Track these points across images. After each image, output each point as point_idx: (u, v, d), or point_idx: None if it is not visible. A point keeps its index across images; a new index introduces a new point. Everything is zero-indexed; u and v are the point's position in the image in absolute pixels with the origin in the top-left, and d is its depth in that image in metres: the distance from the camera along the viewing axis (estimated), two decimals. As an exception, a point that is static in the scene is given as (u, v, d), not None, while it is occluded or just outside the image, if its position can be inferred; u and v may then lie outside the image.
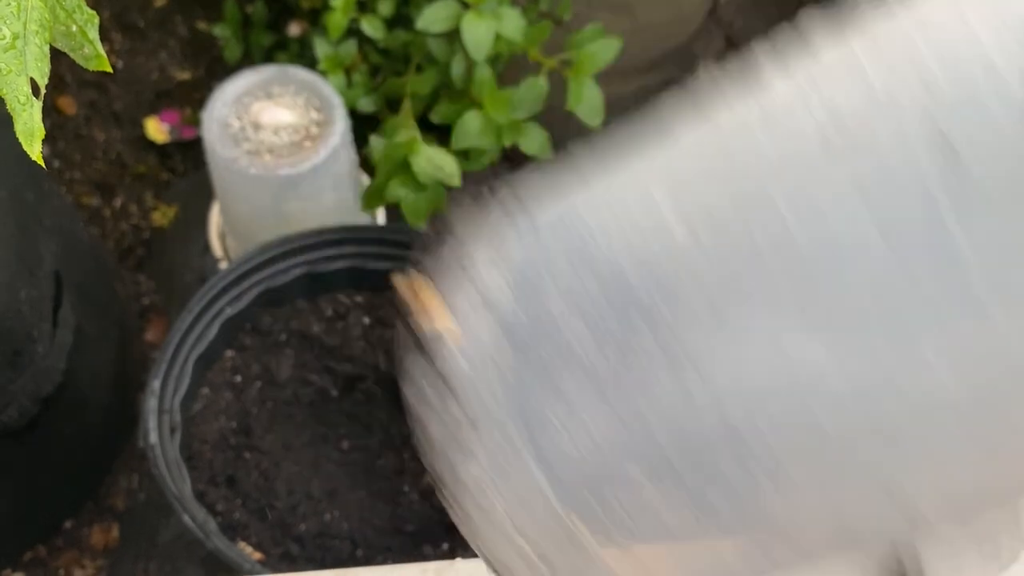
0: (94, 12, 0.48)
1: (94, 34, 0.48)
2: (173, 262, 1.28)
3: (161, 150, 1.33)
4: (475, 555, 0.22)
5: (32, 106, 0.44)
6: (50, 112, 1.33)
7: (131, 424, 1.16)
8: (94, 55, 0.48)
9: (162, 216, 1.30)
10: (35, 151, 0.44)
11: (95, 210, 1.30)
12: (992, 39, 0.17)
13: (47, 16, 0.45)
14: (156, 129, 1.32)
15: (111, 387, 1.11)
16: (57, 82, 1.34)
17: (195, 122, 1.31)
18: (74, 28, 0.48)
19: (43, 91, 0.45)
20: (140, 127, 1.33)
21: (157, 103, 1.35)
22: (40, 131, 0.45)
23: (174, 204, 1.31)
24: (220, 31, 1.24)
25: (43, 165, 0.41)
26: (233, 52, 1.24)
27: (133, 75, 1.37)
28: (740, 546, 0.21)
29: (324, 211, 1.08)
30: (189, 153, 1.33)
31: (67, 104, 1.33)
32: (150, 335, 1.24)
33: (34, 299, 0.94)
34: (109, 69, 0.47)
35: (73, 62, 1.46)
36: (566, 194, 0.24)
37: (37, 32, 0.45)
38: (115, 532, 1.14)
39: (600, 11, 1.15)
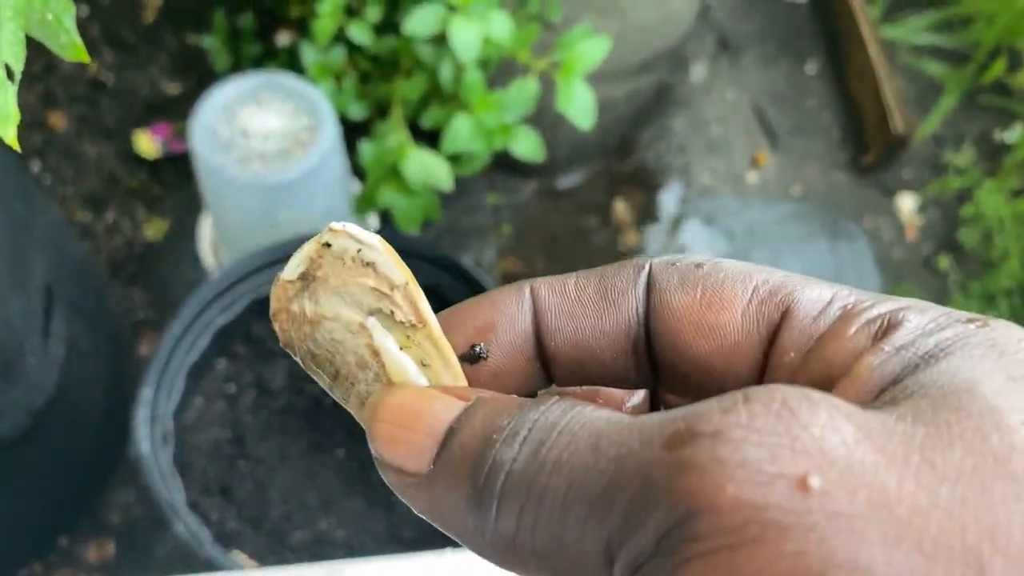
0: (70, 1, 0.48)
1: (70, 23, 0.47)
2: (166, 276, 1.27)
3: (153, 164, 1.33)
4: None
5: (6, 90, 0.43)
6: (41, 128, 1.33)
7: (125, 438, 1.15)
8: (71, 44, 0.47)
9: (154, 230, 1.30)
10: (9, 135, 0.43)
11: (87, 225, 1.29)
12: None
13: (22, 2, 0.44)
14: (147, 143, 1.32)
15: (105, 401, 1.10)
16: (47, 98, 1.34)
17: (186, 135, 1.31)
18: (50, 16, 0.47)
19: (18, 76, 0.44)
20: (131, 142, 1.33)
21: (148, 117, 1.35)
22: (15, 115, 0.44)
23: (166, 218, 1.31)
24: (209, 42, 1.24)
25: (17, 148, 0.40)
26: (222, 63, 1.24)
27: (124, 90, 1.37)
28: None
29: (315, 219, 1.08)
30: (181, 167, 1.32)
31: (58, 120, 1.33)
32: (144, 349, 1.23)
33: (25, 312, 0.93)
34: (87, 59, 0.47)
35: (65, 78, 1.46)
36: None
37: (12, 18, 0.45)
38: (111, 547, 1.13)
39: (589, 13, 1.15)
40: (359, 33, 1.08)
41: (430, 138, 1.13)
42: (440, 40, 1.06)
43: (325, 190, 1.07)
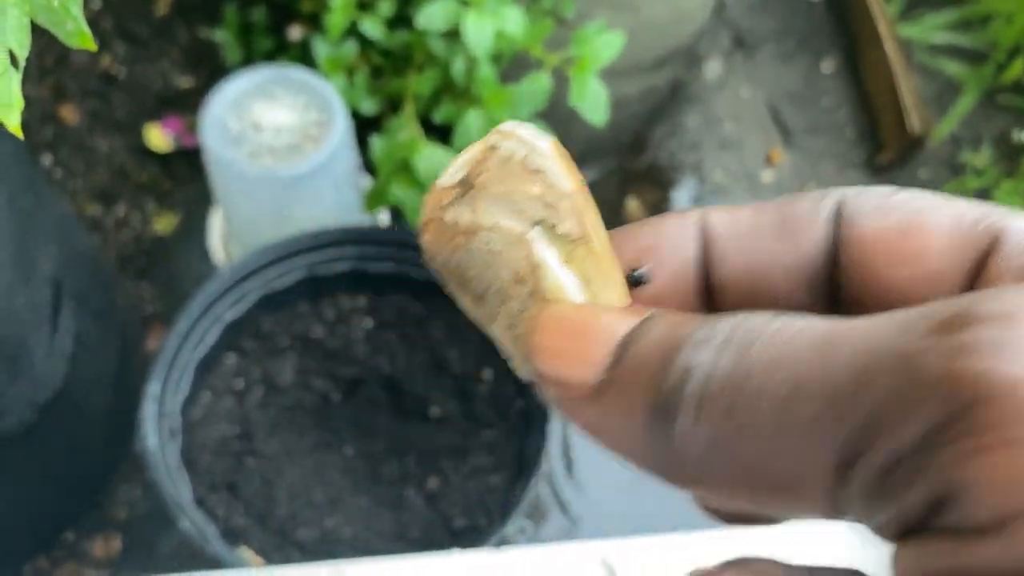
0: (77, -12, 0.47)
1: (77, 10, 0.46)
2: (175, 270, 1.27)
3: (163, 158, 1.32)
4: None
5: (10, 77, 0.43)
6: (52, 121, 1.32)
7: (132, 433, 1.14)
8: (77, 31, 0.46)
9: (164, 224, 1.29)
10: (12, 123, 0.43)
11: (97, 219, 1.29)
12: None
13: (26, -12, 0.43)
14: (158, 137, 1.31)
15: (111, 395, 1.10)
16: (59, 91, 1.34)
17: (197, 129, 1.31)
18: (55, 3, 0.46)
19: (22, 63, 0.43)
20: (142, 135, 1.32)
21: (160, 111, 1.35)
22: (19, 102, 0.44)
23: (176, 212, 1.30)
24: (221, 36, 1.24)
25: (20, 136, 0.39)
26: (234, 56, 1.24)
27: (136, 83, 1.36)
28: None
29: (325, 213, 1.07)
30: (192, 161, 1.32)
31: (69, 113, 1.33)
32: (152, 344, 1.23)
33: (32, 305, 0.92)
34: (93, 47, 0.46)
35: (76, 71, 1.45)
36: None
37: (16, 4, 0.44)
38: (117, 543, 1.12)
39: (603, 8, 1.14)
40: (371, 27, 1.07)
41: (441, 133, 1.12)
42: (453, 35, 1.05)
43: (335, 185, 1.06)
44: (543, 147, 0.19)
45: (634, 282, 0.20)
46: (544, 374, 0.18)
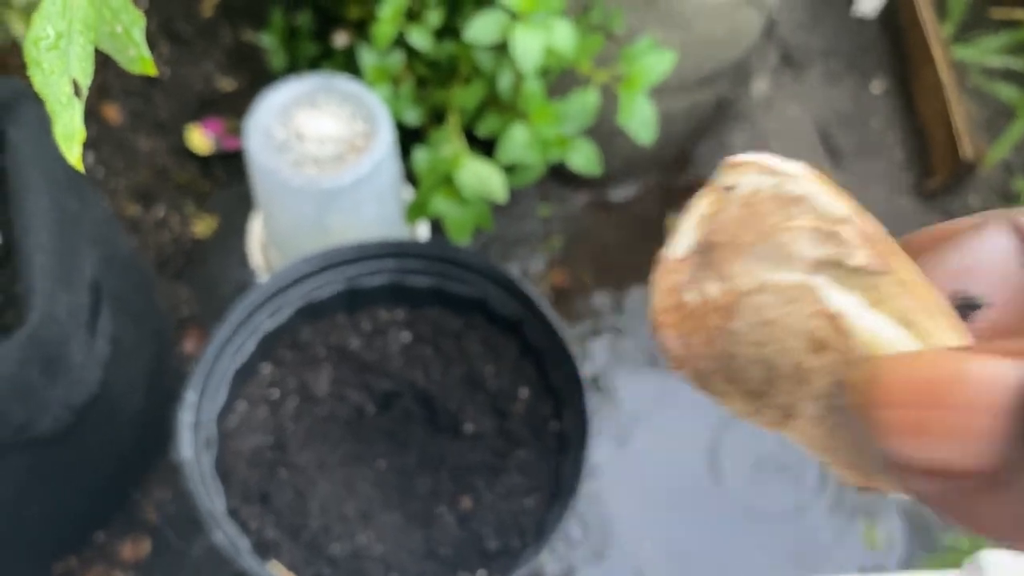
0: (140, 13, 0.46)
1: (140, 36, 0.46)
2: (213, 273, 1.27)
3: (204, 160, 1.32)
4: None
5: (73, 108, 0.42)
6: (95, 120, 1.32)
7: (165, 437, 1.14)
8: (138, 57, 0.45)
9: (203, 227, 1.29)
10: (74, 155, 0.42)
11: (136, 220, 1.29)
12: None
13: (92, 15, 0.42)
14: (199, 139, 1.31)
15: (146, 398, 1.10)
16: (102, 90, 1.34)
17: (239, 132, 1.30)
18: (119, 29, 0.46)
19: (85, 92, 0.43)
20: (183, 137, 1.32)
21: (201, 112, 1.35)
22: (81, 134, 0.43)
23: (215, 215, 1.30)
24: (266, 40, 1.23)
25: (82, 169, 0.38)
26: (279, 61, 1.23)
27: (178, 84, 1.36)
28: None
29: (366, 224, 1.06)
30: (232, 164, 1.31)
31: (112, 112, 1.33)
32: (188, 346, 1.22)
33: (72, 308, 0.92)
34: (154, 72, 0.45)
35: (119, 71, 1.46)
36: None
37: (82, 32, 0.43)
38: (146, 546, 1.12)
39: (652, 24, 1.12)
40: (419, 38, 1.06)
41: (485, 145, 1.11)
42: (500, 48, 1.04)
43: (377, 197, 1.05)
44: (794, 170, 0.15)
45: (966, 311, 0.16)
46: (907, 463, 0.13)
